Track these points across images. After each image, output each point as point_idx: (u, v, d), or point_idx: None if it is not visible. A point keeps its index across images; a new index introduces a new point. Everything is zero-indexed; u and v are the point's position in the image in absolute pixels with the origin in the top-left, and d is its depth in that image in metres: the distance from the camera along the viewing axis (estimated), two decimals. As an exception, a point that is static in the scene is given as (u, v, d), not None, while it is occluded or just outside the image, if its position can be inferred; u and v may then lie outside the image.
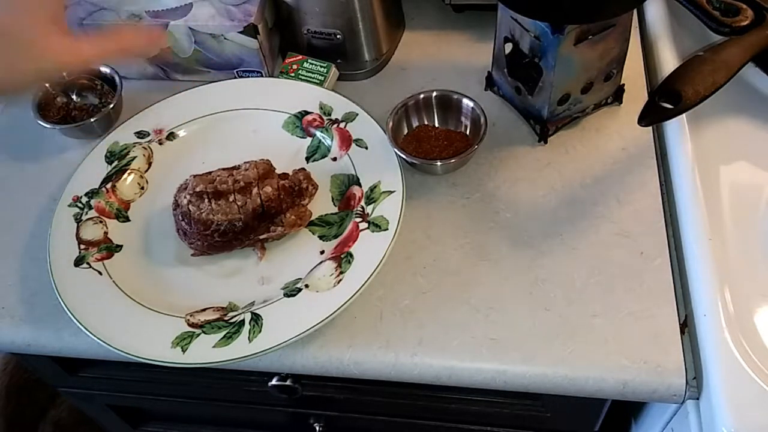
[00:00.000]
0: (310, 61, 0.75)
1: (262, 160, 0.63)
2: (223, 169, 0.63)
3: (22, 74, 0.42)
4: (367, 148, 0.66)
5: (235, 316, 0.57)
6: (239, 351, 0.54)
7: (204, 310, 0.59)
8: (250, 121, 0.72)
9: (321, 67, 0.75)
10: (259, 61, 0.75)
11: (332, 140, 0.68)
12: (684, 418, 0.56)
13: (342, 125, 0.69)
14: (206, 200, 0.60)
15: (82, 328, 0.57)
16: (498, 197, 0.65)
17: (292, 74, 0.75)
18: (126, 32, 0.48)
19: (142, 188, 0.69)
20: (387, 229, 0.59)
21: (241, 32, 0.72)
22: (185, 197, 0.61)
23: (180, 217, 0.61)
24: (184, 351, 0.55)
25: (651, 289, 0.57)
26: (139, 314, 0.58)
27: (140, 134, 0.71)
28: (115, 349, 0.55)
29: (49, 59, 0.42)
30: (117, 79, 0.74)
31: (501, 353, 0.55)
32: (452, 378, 0.56)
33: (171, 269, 0.63)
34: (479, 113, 0.66)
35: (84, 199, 0.66)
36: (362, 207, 0.62)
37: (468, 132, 0.68)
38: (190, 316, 0.58)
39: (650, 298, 0.57)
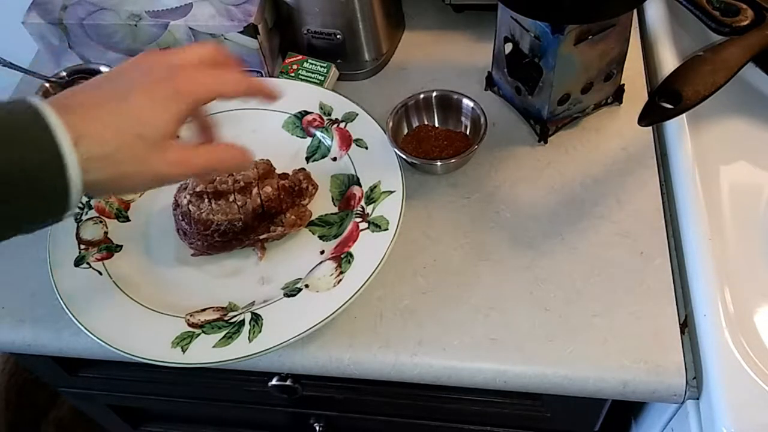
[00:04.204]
0: (310, 61, 0.75)
1: (262, 160, 0.63)
2: (223, 169, 0.63)
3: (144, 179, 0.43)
4: (367, 148, 0.66)
5: (235, 316, 0.57)
6: (239, 351, 0.54)
7: (204, 310, 0.59)
8: (250, 121, 0.72)
9: (321, 67, 0.75)
10: (259, 61, 0.75)
11: (332, 140, 0.68)
12: (684, 418, 0.56)
13: (342, 125, 0.69)
14: (206, 200, 0.60)
15: (82, 328, 0.57)
16: (498, 197, 0.65)
17: (292, 74, 0.75)
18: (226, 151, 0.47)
19: (142, 188, 0.69)
20: (387, 229, 0.59)
21: (241, 32, 0.72)
22: (185, 197, 0.61)
23: (180, 217, 0.61)
24: (184, 351, 0.55)
25: (651, 289, 0.57)
26: (139, 314, 0.58)
27: (140, 134, 0.71)
28: (115, 349, 0.55)
29: (164, 169, 0.43)
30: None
31: (501, 353, 0.55)
32: (452, 378, 0.56)
33: (171, 269, 0.63)
34: (479, 113, 0.66)
35: (84, 199, 0.66)
36: (362, 207, 0.62)
37: (468, 132, 0.68)
38: (190, 316, 0.58)
39: (650, 298, 0.57)
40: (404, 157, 0.64)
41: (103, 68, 0.75)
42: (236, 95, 0.45)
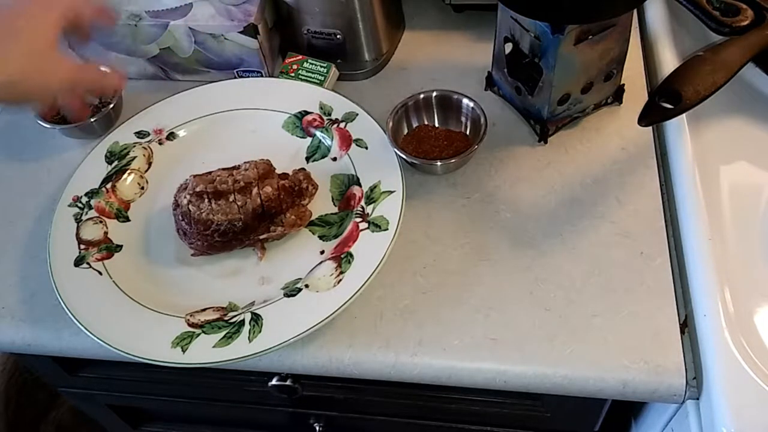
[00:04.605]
0: (310, 61, 0.75)
1: (262, 160, 0.63)
2: (223, 169, 0.63)
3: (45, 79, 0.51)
4: (367, 148, 0.66)
5: (235, 316, 0.57)
6: (239, 351, 0.54)
7: (204, 310, 0.59)
8: (250, 121, 0.72)
9: (321, 67, 0.75)
10: (259, 61, 0.75)
11: (332, 140, 0.68)
12: (684, 418, 0.56)
13: (342, 125, 0.69)
14: (206, 200, 0.60)
15: (82, 328, 0.57)
16: (498, 197, 0.65)
17: (292, 74, 0.75)
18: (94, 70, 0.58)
19: (142, 188, 0.69)
20: (387, 229, 0.59)
21: (241, 32, 0.72)
22: (185, 197, 0.61)
23: (180, 217, 0.61)
24: (184, 351, 0.55)
25: (651, 289, 0.57)
26: (139, 314, 0.58)
27: (140, 134, 0.71)
28: (115, 349, 0.55)
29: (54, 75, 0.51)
30: (117, 79, 0.74)
31: (501, 353, 0.55)
32: (452, 378, 0.56)
33: (171, 269, 0.63)
34: (479, 113, 0.66)
35: (84, 199, 0.66)
36: (362, 207, 0.62)
37: (468, 132, 0.68)
38: (190, 316, 0.58)
39: (650, 298, 0.57)
40: (404, 157, 0.64)
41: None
42: (89, 11, 0.56)
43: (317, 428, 0.81)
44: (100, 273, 0.61)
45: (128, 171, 0.69)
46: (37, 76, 0.49)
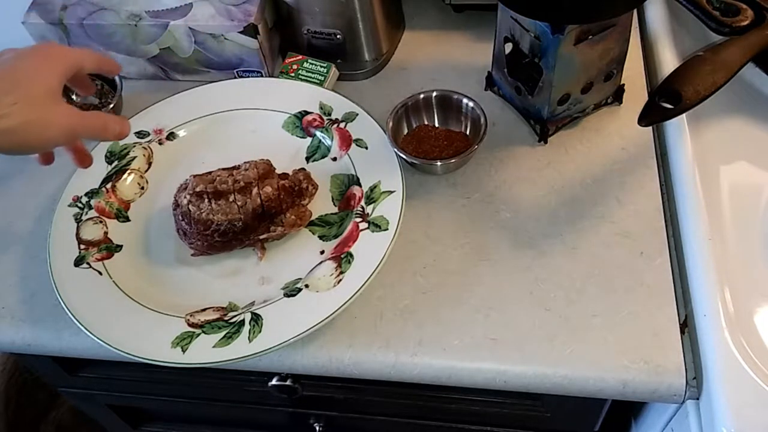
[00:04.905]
0: (310, 61, 0.75)
1: (262, 160, 0.63)
2: (223, 169, 0.63)
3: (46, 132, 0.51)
4: (367, 148, 0.66)
5: (235, 316, 0.57)
6: (239, 351, 0.54)
7: (204, 310, 0.59)
8: (250, 121, 0.72)
9: (321, 67, 0.75)
10: (259, 61, 0.75)
11: (332, 140, 0.68)
12: (684, 418, 0.56)
13: (342, 125, 0.69)
14: (206, 200, 0.60)
15: (82, 328, 0.57)
16: (498, 197, 0.65)
17: (292, 74, 0.75)
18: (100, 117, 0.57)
19: (142, 188, 0.69)
20: (387, 229, 0.59)
21: (241, 32, 0.72)
22: (185, 197, 0.61)
23: (180, 217, 0.61)
24: (184, 351, 0.55)
25: (651, 289, 0.57)
26: (139, 314, 0.58)
27: (140, 134, 0.71)
28: (115, 349, 0.55)
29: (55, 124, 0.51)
30: (117, 78, 0.74)
31: (501, 353, 0.55)
32: (452, 378, 0.56)
33: (171, 269, 0.63)
34: (479, 113, 0.66)
35: (84, 199, 0.66)
36: (362, 207, 0.62)
37: (468, 132, 0.68)
38: (190, 316, 0.58)
39: (650, 298, 0.57)
40: (404, 157, 0.64)
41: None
42: (92, 65, 0.56)
43: (317, 428, 0.81)
44: (100, 273, 0.61)
45: (128, 171, 0.69)
46: (36, 126, 0.50)
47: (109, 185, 0.68)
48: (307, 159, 0.69)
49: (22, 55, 0.52)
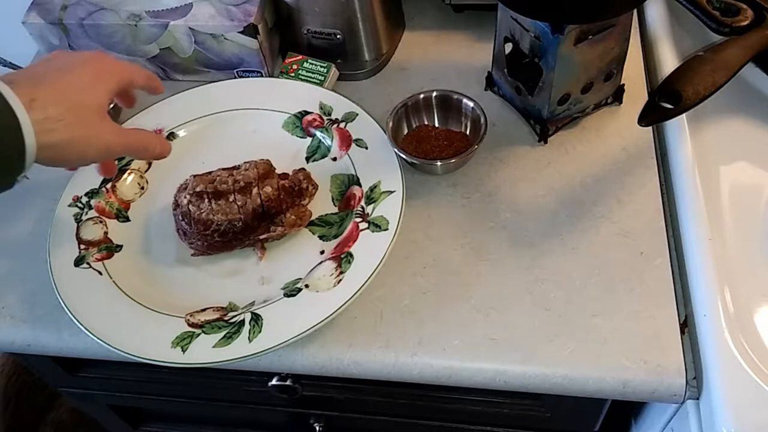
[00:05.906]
0: (310, 61, 0.75)
1: (262, 160, 0.63)
2: (223, 169, 0.63)
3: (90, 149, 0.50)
4: (367, 148, 0.66)
5: (235, 316, 0.57)
6: (239, 351, 0.54)
7: (204, 310, 0.59)
8: (250, 121, 0.72)
9: (321, 67, 0.75)
10: (259, 61, 0.75)
11: (332, 140, 0.68)
12: (684, 418, 0.56)
13: (342, 125, 0.69)
14: (206, 200, 0.60)
15: (82, 328, 0.57)
16: (498, 197, 0.65)
17: (292, 74, 0.75)
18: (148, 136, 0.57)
19: (142, 188, 0.69)
20: (387, 229, 0.59)
21: (241, 32, 0.72)
22: (185, 197, 0.61)
23: (180, 217, 0.61)
24: (184, 351, 0.55)
25: (651, 289, 0.57)
26: (139, 314, 0.58)
27: (140, 134, 0.71)
28: (115, 349, 0.55)
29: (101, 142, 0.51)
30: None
31: (501, 353, 0.55)
32: (452, 378, 0.56)
33: (171, 269, 0.63)
34: (479, 113, 0.66)
35: (84, 199, 0.66)
36: (362, 207, 0.62)
37: (468, 132, 0.68)
38: (190, 316, 0.58)
39: (650, 298, 0.57)
40: (404, 157, 0.64)
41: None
42: (142, 82, 0.57)
43: (317, 428, 0.81)
44: (100, 273, 0.61)
45: (128, 171, 0.69)
46: (79, 143, 0.49)
47: (109, 185, 0.68)
48: (307, 159, 0.69)
49: (73, 65, 0.51)
